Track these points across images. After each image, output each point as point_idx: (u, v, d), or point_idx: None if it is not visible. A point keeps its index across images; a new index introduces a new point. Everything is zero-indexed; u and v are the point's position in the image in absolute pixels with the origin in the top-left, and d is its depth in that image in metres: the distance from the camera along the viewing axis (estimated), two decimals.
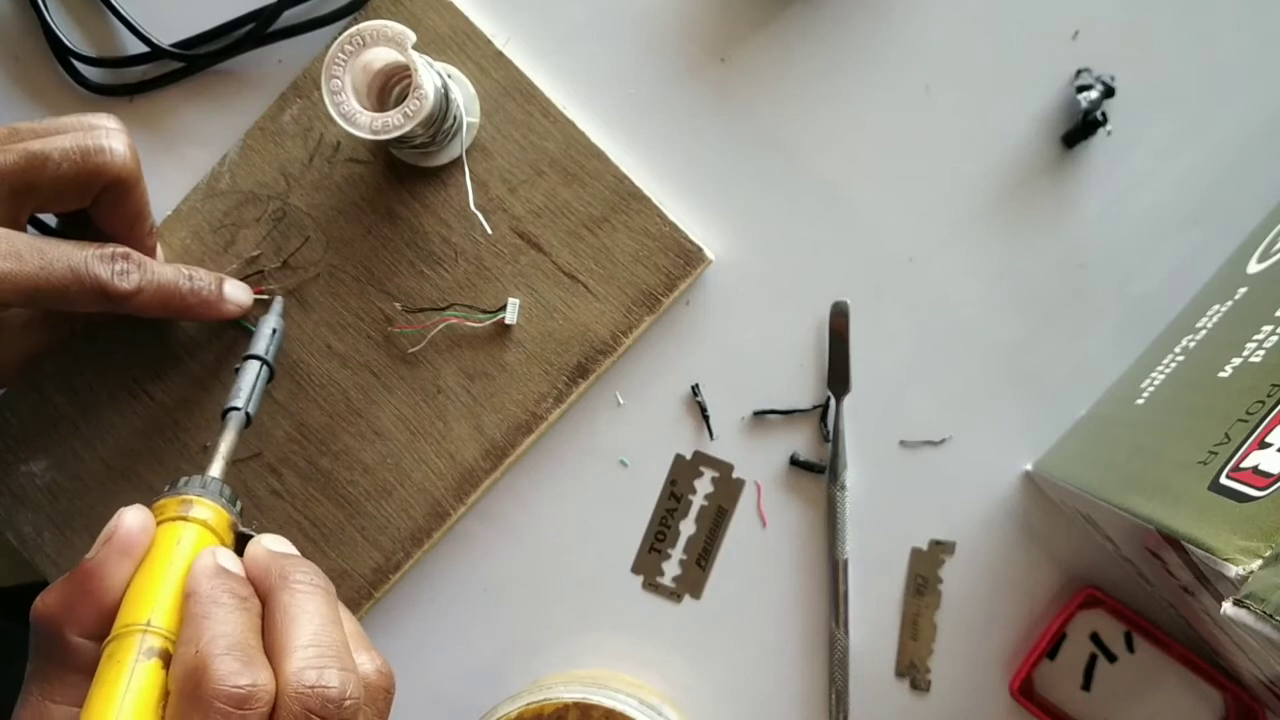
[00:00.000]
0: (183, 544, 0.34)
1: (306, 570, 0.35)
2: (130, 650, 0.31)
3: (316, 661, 0.31)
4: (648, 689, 0.46)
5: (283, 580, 0.34)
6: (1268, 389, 0.30)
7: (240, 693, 0.29)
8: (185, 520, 0.35)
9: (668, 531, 0.46)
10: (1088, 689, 0.44)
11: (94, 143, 0.37)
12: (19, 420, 0.46)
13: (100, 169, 0.38)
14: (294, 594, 0.33)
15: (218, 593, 0.32)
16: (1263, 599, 0.25)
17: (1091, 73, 0.43)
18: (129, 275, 0.38)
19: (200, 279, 0.42)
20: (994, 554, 0.45)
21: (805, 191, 0.45)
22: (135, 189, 0.39)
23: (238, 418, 0.40)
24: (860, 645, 0.45)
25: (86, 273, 0.37)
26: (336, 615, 0.34)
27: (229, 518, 0.37)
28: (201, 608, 0.32)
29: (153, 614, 0.32)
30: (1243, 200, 0.43)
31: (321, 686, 0.30)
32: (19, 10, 0.47)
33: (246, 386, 0.41)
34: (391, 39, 0.39)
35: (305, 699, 0.30)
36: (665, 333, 0.46)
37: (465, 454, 0.45)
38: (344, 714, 0.31)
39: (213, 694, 0.29)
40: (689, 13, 0.45)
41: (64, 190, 0.38)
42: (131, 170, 0.39)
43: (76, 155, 0.37)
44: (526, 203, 0.45)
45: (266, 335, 0.43)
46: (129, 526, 0.34)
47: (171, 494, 0.36)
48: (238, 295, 0.43)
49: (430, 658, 0.47)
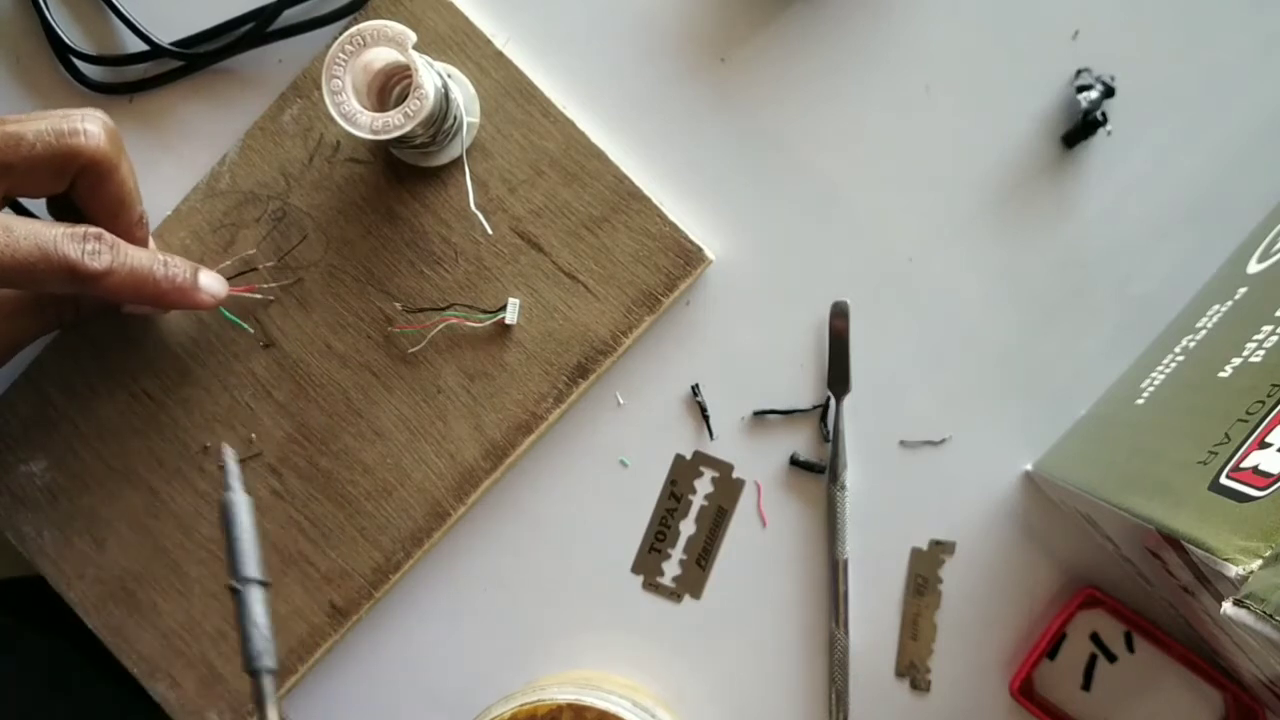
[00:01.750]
0: None
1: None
2: None
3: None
4: (643, 691, 0.46)
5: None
6: (1268, 389, 0.30)
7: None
8: None
9: (668, 531, 0.46)
10: (1088, 689, 0.44)
11: (69, 126, 0.38)
12: (19, 420, 0.46)
13: (74, 150, 0.38)
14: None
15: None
16: (1263, 599, 0.25)
17: (1091, 73, 0.43)
18: (100, 255, 0.38)
19: (175, 265, 0.41)
20: (994, 554, 0.45)
21: (805, 192, 0.45)
22: (114, 174, 0.39)
23: (270, 679, 0.35)
24: (860, 645, 0.45)
25: (55, 251, 0.37)
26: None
27: None
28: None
29: None
30: (1243, 200, 0.43)
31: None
32: (19, 8, 0.47)
33: (262, 624, 0.35)
34: (392, 39, 0.39)
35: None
36: (665, 333, 0.46)
37: (465, 454, 0.45)
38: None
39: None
40: (689, 13, 0.45)
41: (38, 171, 0.38)
42: (107, 154, 0.39)
43: (50, 136, 0.37)
44: (526, 203, 0.45)
45: (250, 553, 0.36)
46: None
47: None
48: (213, 286, 0.43)
49: (431, 657, 0.47)
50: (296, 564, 0.45)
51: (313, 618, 0.45)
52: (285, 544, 0.45)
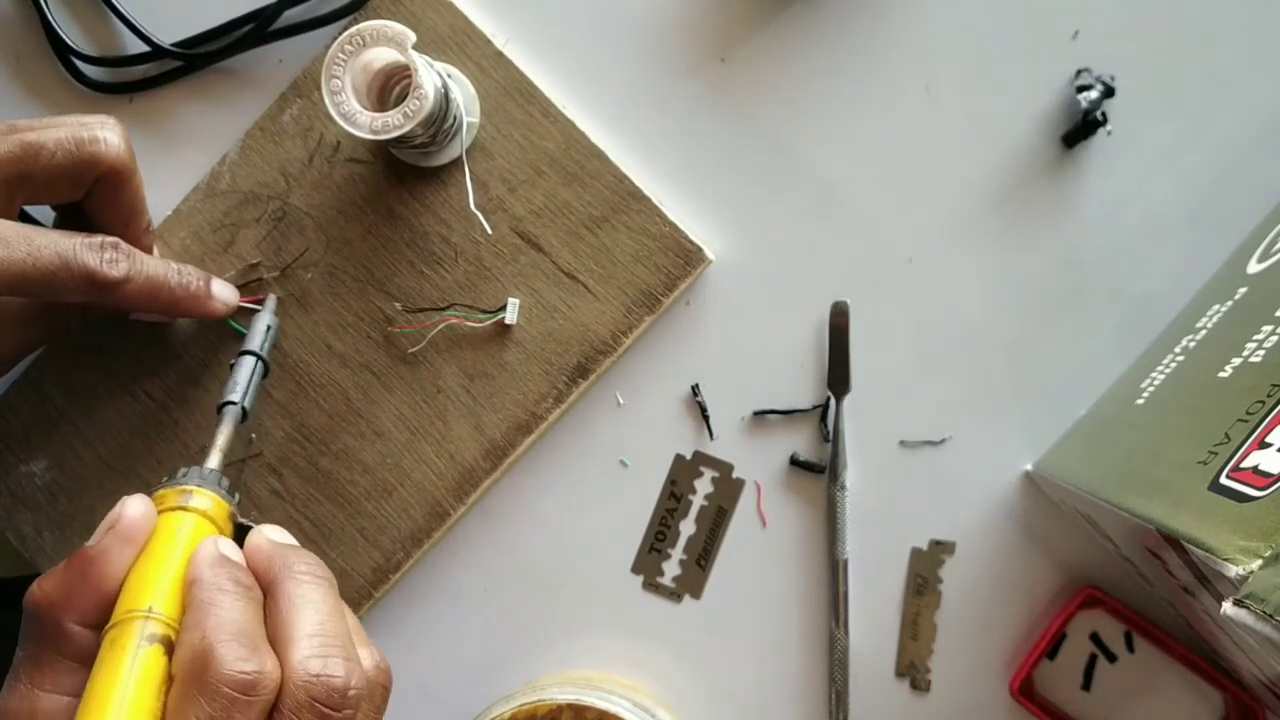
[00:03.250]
0: (183, 533, 0.34)
1: (309, 561, 0.35)
2: (132, 636, 0.31)
3: (321, 650, 0.31)
4: (643, 691, 0.46)
5: (286, 570, 0.34)
6: (1268, 389, 0.30)
7: (246, 678, 0.29)
8: (185, 510, 0.35)
9: (668, 531, 0.46)
10: (1088, 689, 0.44)
11: (88, 134, 0.38)
12: (19, 420, 0.46)
13: (93, 159, 0.38)
14: (298, 583, 0.33)
15: (221, 580, 0.32)
16: (1263, 599, 0.25)
17: (1091, 73, 0.43)
18: (118, 264, 0.38)
19: (189, 274, 0.42)
20: (994, 554, 0.45)
21: (805, 191, 0.45)
22: (129, 183, 0.39)
23: (233, 412, 0.40)
24: (860, 645, 0.45)
25: (75, 260, 0.37)
26: (340, 607, 0.34)
27: (228, 508, 0.37)
28: (206, 594, 0.32)
29: (154, 600, 0.32)
30: (1243, 200, 0.43)
31: (326, 675, 0.31)
32: (20, 8, 0.47)
33: (242, 381, 0.41)
34: (391, 39, 0.39)
35: (310, 687, 0.30)
36: (665, 333, 0.46)
37: (465, 454, 0.45)
38: (347, 703, 0.31)
39: (219, 679, 0.29)
40: (689, 13, 0.45)
41: (57, 179, 0.38)
42: (125, 162, 0.39)
43: (70, 145, 0.37)
44: (526, 203, 0.45)
45: (261, 331, 0.43)
46: (132, 515, 0.34)
47: (170, 484, 0.36)
48: (225, 294, 0.44)
49: (430, 657, 0.47)
50: None
51: None
52: None
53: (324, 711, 0.30)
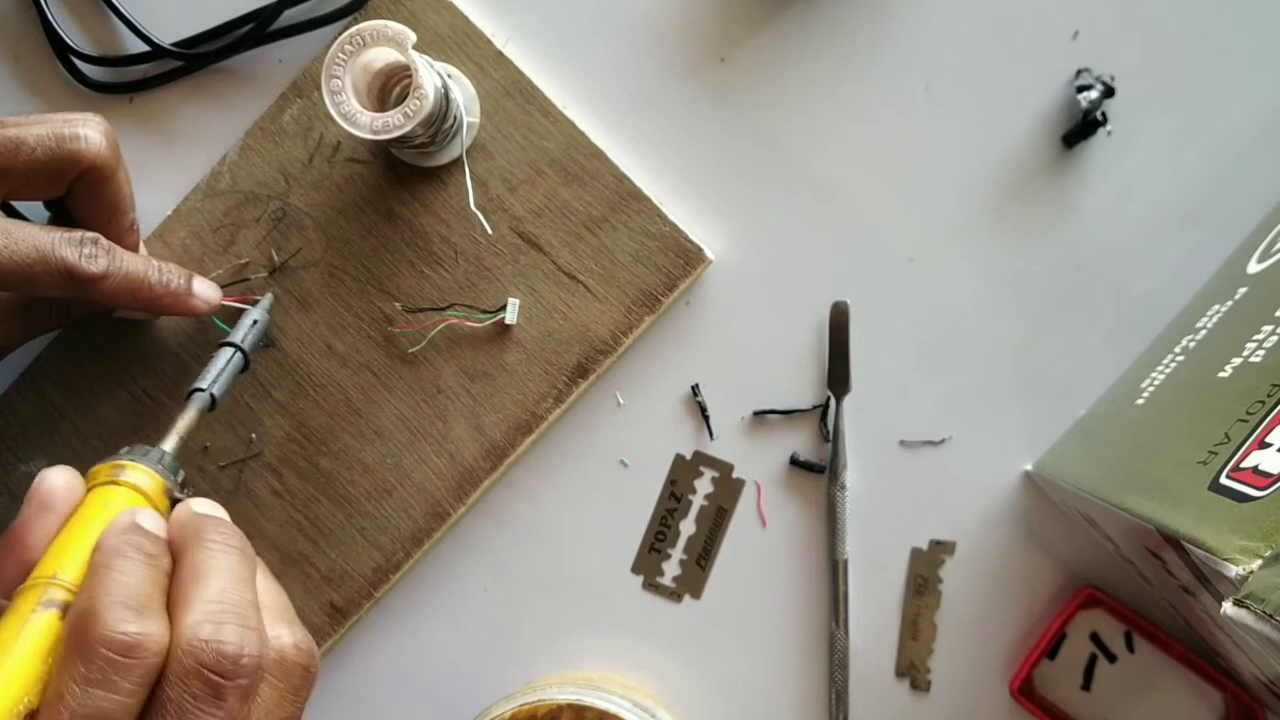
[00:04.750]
0: (110, 507, 0.34)
1: (224, 530, 0.34)
2: (32, 601, 0.31)
3: (214, 616, 0.30)
4: (643, 691, 0.46)
5: (196, 538, 0.33)
6: (1268, 389, 0.30)
7: (126, 640, 0.29)
8: (116, 484, 0.35)
9: (668, 531, 0.46)
10: (1088, 689, 0.44)
11: (70, 131, 0.38)
12: (19, 420, 0.46)
13: (74, 155, 0.38)
14: (205, 551, 0.33)
15: (123, 546, 0.32)
16: (1263, 599, 0.25)
17: (1091, 73, 0.43)
18: (96, 259, 0.38)
19: (169, 271, 0.42)
20: (994, 554, 0.45)
21: (805, 191, 0.45)
22: (111, 180, 0.39)
23: (200, 399, 0.40)
24: (860, 645, 0.45)
25: (53, 254, 0.37)
26: (248, 575, 0.33)
27: (164, 483, 0.36)
28: (104, 559, 0.31)
29: (61, 568, 0.32)
30: (1243, 200, 0.43)
31: (216, 641, 0.30)
32: (20, 8, 0.47)
33: (215, 370, 0.41)
34: (391, 39, 0.39)
35: (198, 652, 0.29)
36: (665, 333, 0.46)
37: (465, 454, 0.45)
38: (240, 672, 0.30)
39: (98, 639, 0.28)
40: (689, 13, 0.45)
41: (37, 175, 0.38)
42: (106, 160, 0.39)
43: (51, 141, 0.37)
44: (526, 203, 0.45)
45: (246, 325, 0.43)
46: (50, 484, 0.34)
47: (106, 460, 0.36)
48: (207, 293, 0.43)
49: (431, 657, 0.47)
50: (296, 564, 0.45)
51: (313, 618, 0.45)
52: (285, 544, 0.45)
53: (212, 679, 0.29)
